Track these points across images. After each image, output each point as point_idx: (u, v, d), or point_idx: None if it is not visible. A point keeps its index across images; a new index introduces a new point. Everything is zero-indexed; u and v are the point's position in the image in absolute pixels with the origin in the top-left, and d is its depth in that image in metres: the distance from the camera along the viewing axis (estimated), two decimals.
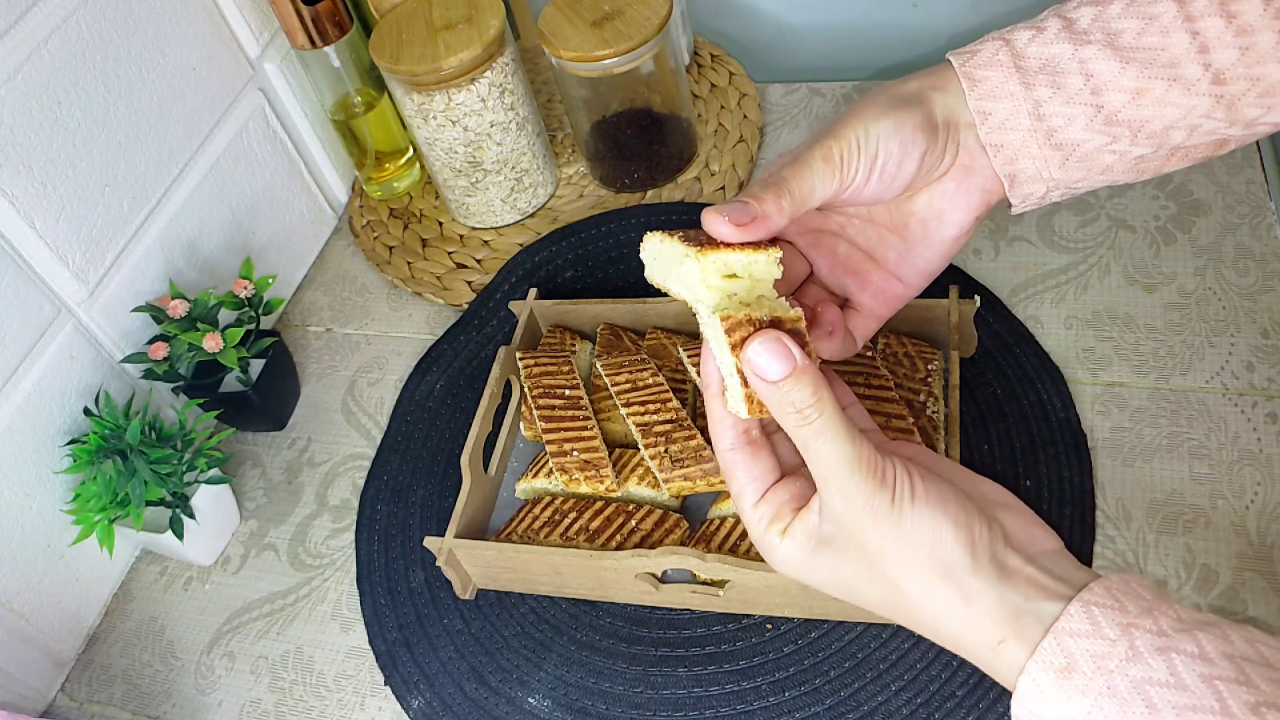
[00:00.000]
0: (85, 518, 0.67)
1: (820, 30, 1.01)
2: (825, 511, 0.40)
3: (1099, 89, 0.43)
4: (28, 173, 0.65)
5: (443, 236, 0.90)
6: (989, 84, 0.44)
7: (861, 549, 0.39)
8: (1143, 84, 0.42)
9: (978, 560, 0.38)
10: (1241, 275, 0.71)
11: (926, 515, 0.38)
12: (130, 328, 0.73)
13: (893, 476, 0.39)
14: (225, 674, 0.68)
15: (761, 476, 0.43)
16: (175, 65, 0.75)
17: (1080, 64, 0.43)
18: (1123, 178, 0.46)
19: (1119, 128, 0.43)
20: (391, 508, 0.73)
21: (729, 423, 0.43)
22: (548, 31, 0.80)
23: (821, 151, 0.44)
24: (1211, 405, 0.66)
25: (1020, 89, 0.43)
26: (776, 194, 0.44)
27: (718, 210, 0.45)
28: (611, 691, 0.61)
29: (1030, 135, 0.44)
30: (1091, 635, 0.35)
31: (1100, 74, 0.43)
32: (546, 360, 0.70)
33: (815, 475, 0.40)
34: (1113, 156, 0.44)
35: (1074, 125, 0.44)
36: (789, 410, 0.39)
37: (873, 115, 0.44)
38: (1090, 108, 0.43)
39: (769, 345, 0.40)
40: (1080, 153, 0.44)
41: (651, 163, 0.87)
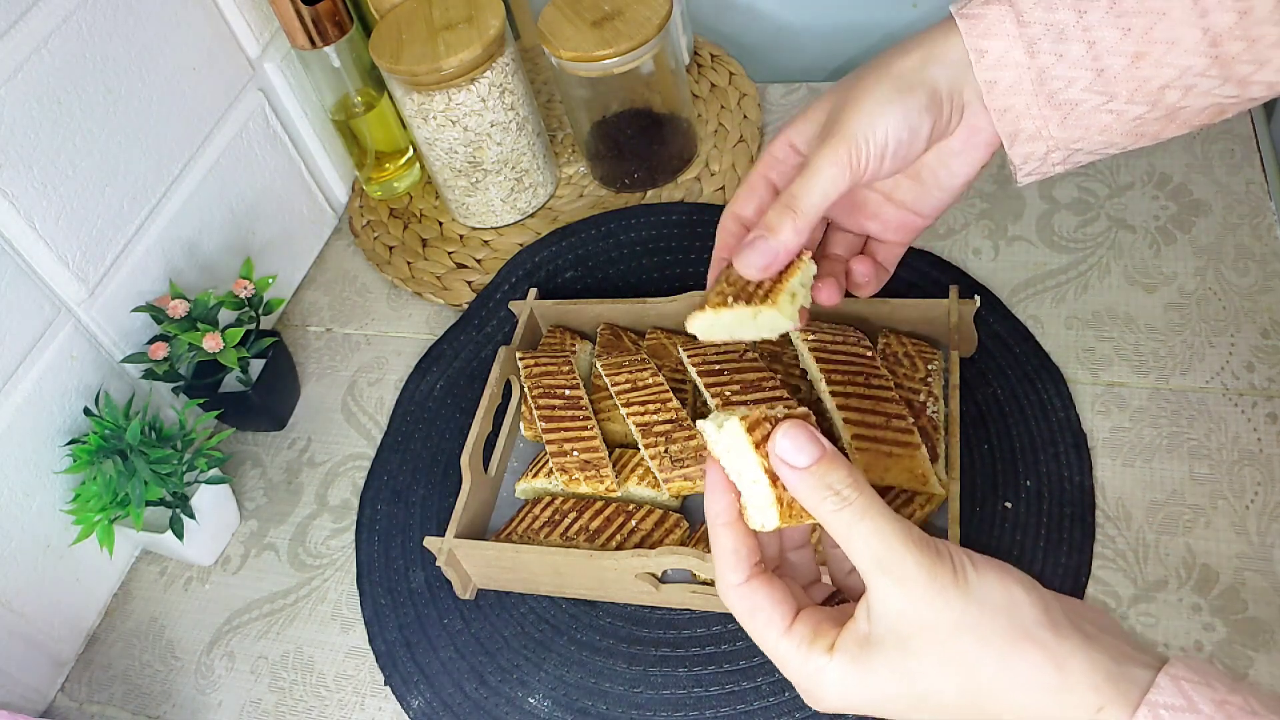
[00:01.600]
0: (85, 518, 0.67)
1: (820, 30, 1.01)
2: (877, 609, 0.36)
3: (1100, 55, 0.43)
4: (28, 173, 0.65)
5: (443, 236, 0.90)
6: (994, 54, 0.44)
7: (929, 636, 0.35)
8: (1142, 48, 0.42)
9: (1057, 622, 0.35)
10: (1241, 275, 0.71)
11: (994, 579, 0.36)
12: (130, 328, 0.73)
13: (947, 550, 0.36)
14: (225, 674, 0.68)
15: (785, 601, 0.39)
16: (175, 65, 0.75)
17: (1084, 31, 0.43)
18: (1121, 139, 0.46)
19: (1117, 87, 0.44)
20: (391, 508, 0.73)
21: (742, 554, 0.40)
22: (548, 31, 0.80)
23: (830, 157, 0.44)
24: (1211, 405, 0.66)
25: (1025, 58, 0.44)
26: (792, 218, 0.45)
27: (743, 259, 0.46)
28: (611, 691, 0.61)
29: (1033, 99, 0.44)
30: (1186, 710, 0.33)
31: (1102, 41, 0.43)
32: (546, 360, 0.70)
33: (862, 566, 0.36)
34: (1109, 116, 0.44)
35: (1074, 87, 0.44)
36: (826, 495, 0.37)
37: (878, 105, 0.44)
38: (1090, 71, 0.43)
39: (796, 432, 0.38)
40: (1078, 111, 0.44)
41: (651, 163, 0.87)
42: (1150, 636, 0.57)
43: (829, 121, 0.46)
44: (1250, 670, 0.55)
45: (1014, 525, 0.62)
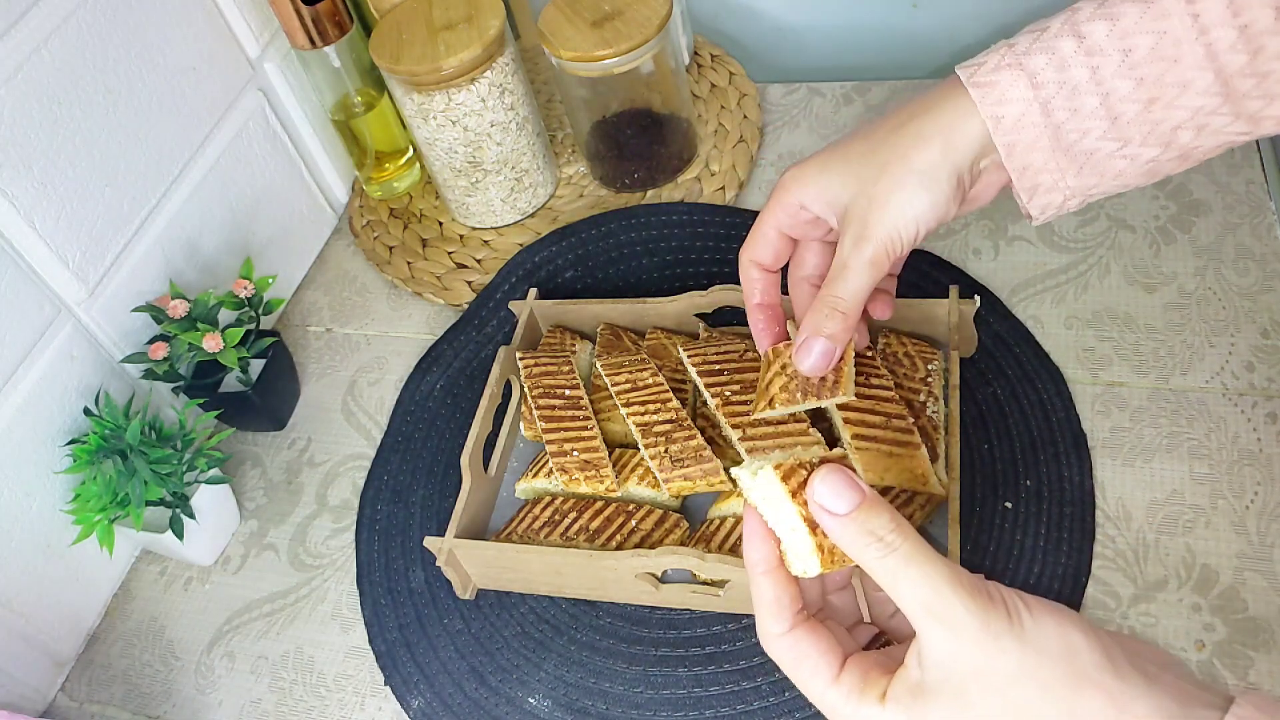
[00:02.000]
0: (85, 518, 0.67)
1: (820, 30, 1.01)
2: (929, 656, 0.35)
3: (1113, 105, 0.44)
4: (28, 173, 0.65)
5: (443, 236, 0.90)
6: (1010, 120, 0.45)
7: (985, 684, 0.34)
8: (1155, 94, 0.43)
9: (1118, 665, 0.34)
10: (1241, 275, 0.71)
11: (1051, 624, 0.34)
12: (130, 328, 0.73)
13: (999, 594, 0.35)
14: (225, 674, 0.68)
15: (831, 650, 0.38)
16: (175, 65, 0.75)
17: (1097, 85, 0.44)
18: (1135, 181, 0.47)
19: (1130, 131, 0.44)
20: (391, 508, 0.73)
21: (784, 602, 0.39)
22: (548, 31, 0.80)
23: (867, 259, 0.47)
24: (1211, 405, 0.66)
25: (1040, 117, 0.45)
26: (841, 319, 0.48)
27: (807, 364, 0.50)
28: (611, 691, 0.61)
29: (1050, 154, 0.46)
30: None
31: (1115, 92, 0.44)
32: (546, 360, 0.70)
33: (911, 613, 0.35)
34: (1124, 161, 0.45)
35: (1089, 137, 0.45)
36: (869, 541, 0.36)
37: (906, 202, 0.46)
38: (1105, 120, 0.44)
39: (834, 477, 0.37)
40: (1094, 159, 0.45)
41: (652, 163, 0.87)
42: (1150, 636, 0.57)
43: (853, 217, 0.47)
44: (1250, 670, 0.55)
45: (1014, 525, 0.62)
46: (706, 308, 0.72)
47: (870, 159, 0.47)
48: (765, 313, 0.55)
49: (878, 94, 0.91)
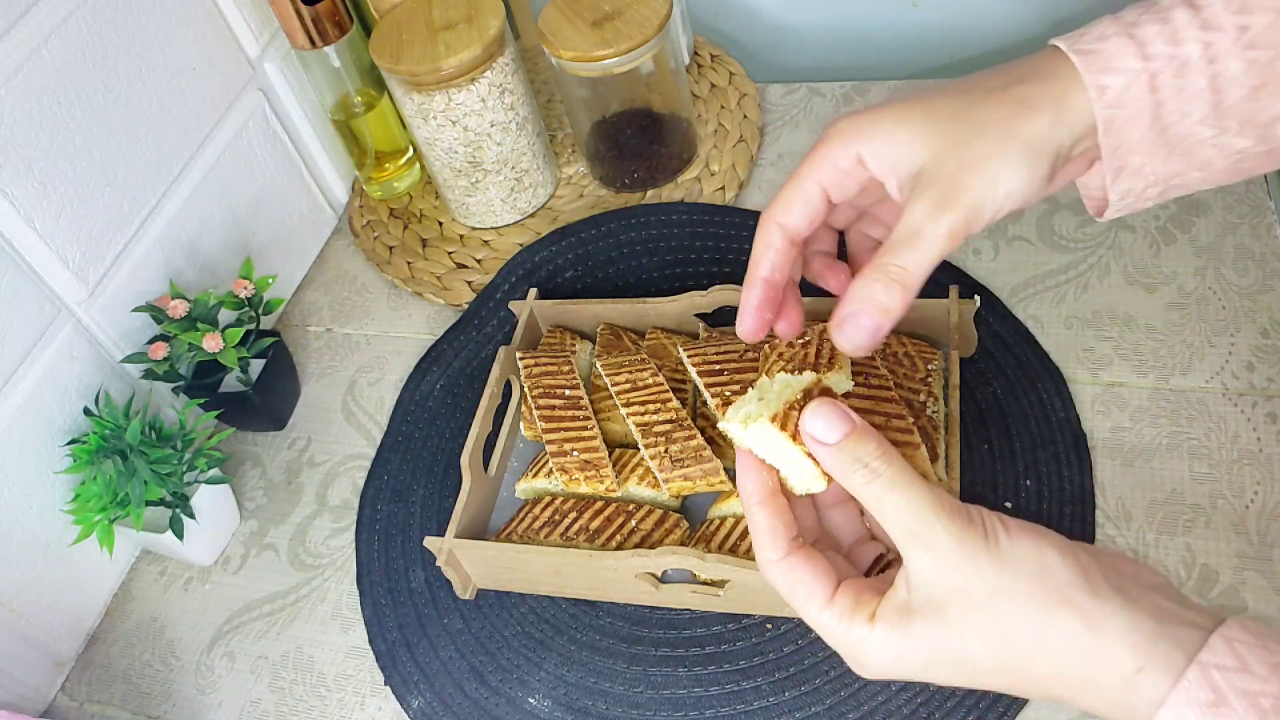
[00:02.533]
0: (85, 518, 0.67)
1: (820, 30, 1.01)
2: (913, 578, 0.37)
3: (1220, 87, 0.40)
4: (28, 173, 0.65)
5: (443, 236, 0.90)
6: (1115, 90, 0.41)
7: (963, 603, 0.36)
8: (1264, 79, 0.40)
9: (1095, 584, 0.35)
10: (1241, 275, 0.71)
11: (1028, 544, 0.35)
12: (130, 328, 0.73)
13: (979, 516, 0.36)
14: (225, 674, 0.68)
15: (826, 575, 0.39)
16: (175, 65, 0.75)
17: (1209, 64, 0.40)
18: (1218, 175, 0.43)
19: (1228, 120, 0.41)
20: (392, 508, 0.73)
21: (779, 531, 0.40)
22: (548, 31, 0.80)
23: (949, 229, 0.40)
24: (1211, 405, 0.66)
25: (1146, 94, 0.41)
26: (902, 293, 0.40)
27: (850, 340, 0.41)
28: (611, 691, 0.61)
29: (1146, 133, 0.41)
30: (1240, 671, 0.32)
31: (1225, 73, 0.40)
32: (546, 360, 0.70)
33: (896, 536, 0.37)
34: (1214, 150, 0.42)
35: (1189, 120, 0.41)
36: (856, 468, 0.37)
37: (1005, 174, 0.40)
38: (1208, 104, 0.41)
39: (824, 410, 0.38)
40: (1186, 144, 0.42)
41: (651, 163, 0.87)
42: None
43: (937, 177, 0.41)
44: None
45: None
46: (706, 308, 0.72)
47: (965, 118, 0.41)
48: (766, 291, 0.45)
49: (878, 94, 0.91)
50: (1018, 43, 0.95)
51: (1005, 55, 0.96)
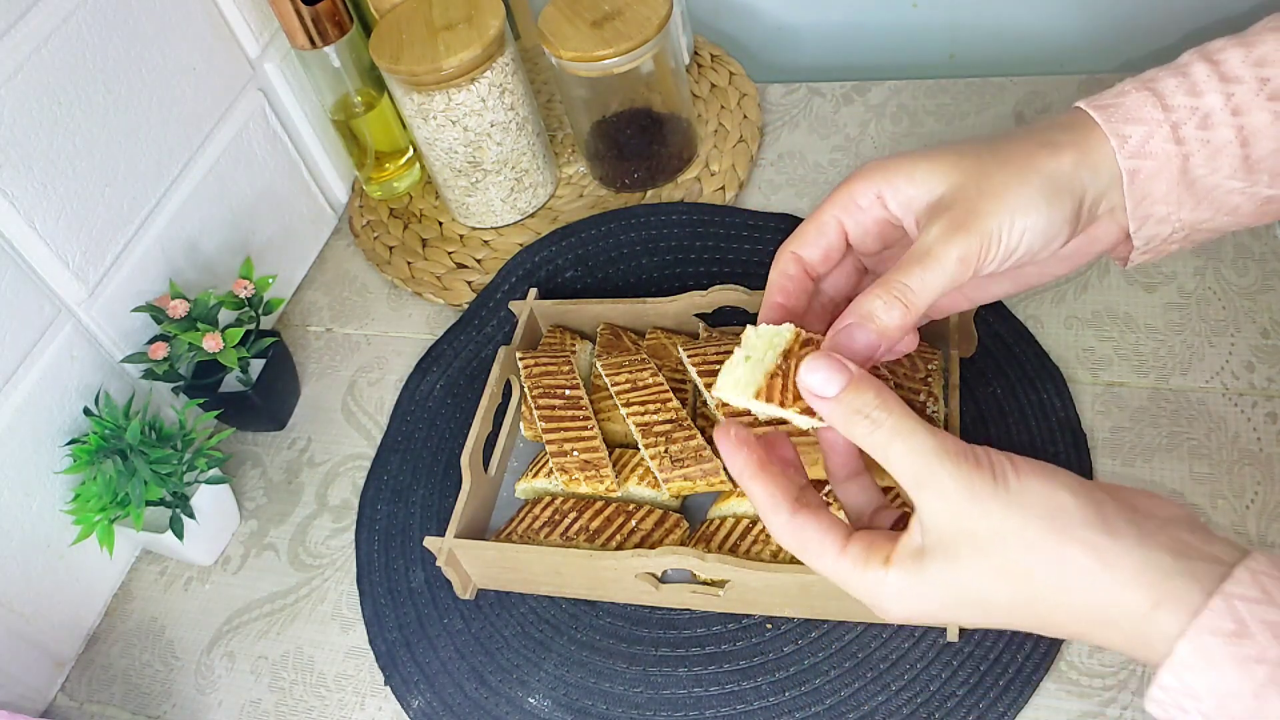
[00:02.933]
0: (85, 518, 0.67)
1: (820, 30, 1.01)
2: (925, 520, 0.37)
3: (1247, 140, 0.40)
4: (28, 173, 0.65)
5: (443, 236, 0.90)
6: (1137, 140, 0.41)
7: (973, 544, 0.36)
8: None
9: (1109, 522, 0.35)
10: (1241, 275, 0.71)
11: (1037, 485, 0.35)
12: (130, 328, 0.73)
13: (986, 458, 0.36)
14: (225, 674, 0.68)
15: (834, 527, 0.40)
16: (175, 65, 0.75)
17: (1233, 115, 0.40)
18: (1246, 219, 0.43)
19: (1259, 174, 0.41)
20: (391, 508, 0.73)
21: (778, 496, 0.40)
22: (548, 31, 0.80)
23: (960, 250, 0.39)
24: (1211, 405, 0.66)
25: (1171, 145, 0.41)
26: (904, 312, 0.39)
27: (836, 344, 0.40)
28: (611, 691, 0.61)
29: (1173, 186, 0.41)
30: (1264, 603, 0.32)
31: (1251, 125, 0.40)
32: (546, 360, 0.70)
33: (905, 483, 0.37)
34: (1242, 198, 0.42)
35: (1217, 174, 0.41)
36: (858, 419, 0.37)
37: (1022, 207, 0.40)
38: (1236, 158, 0.41)
39: (820, 364, 0.38)
40: (1213, 196, 0.42)
41: (651, 163, 0.87)
42: None
43: (954, 202, 0.40)
44: None
45: None
46: (706, 308, 0.72)
47: (988, 154, 0.41)
48: (782, 315, 0.45)
49: (878, 94, 0.91)
50: (1018, 42, 0.95)
51: (1005, 55, 0.96)
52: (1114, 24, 0.91)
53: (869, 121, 0.89)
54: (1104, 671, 0.57)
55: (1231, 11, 0.88)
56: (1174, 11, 0.89)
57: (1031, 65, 0.95)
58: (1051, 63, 0.95)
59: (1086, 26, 0.92)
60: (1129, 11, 0.90)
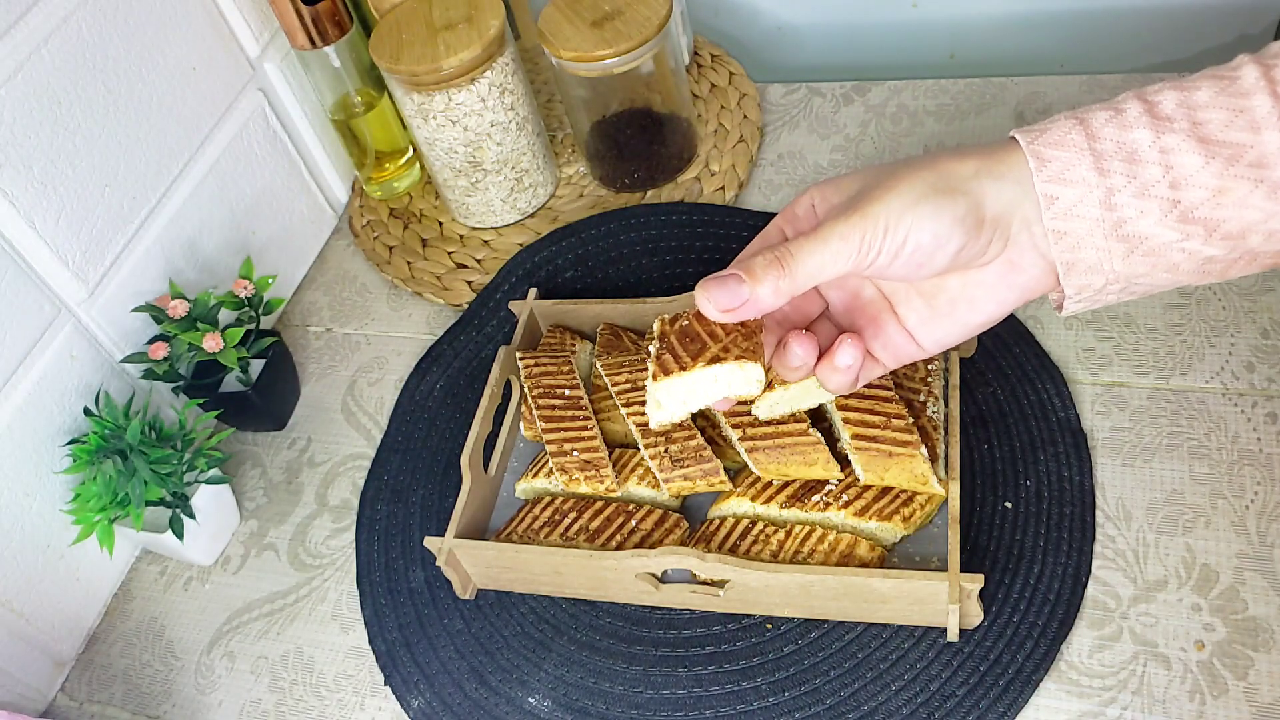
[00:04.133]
0: (85, 518, 0.67)
1: (820, 30, 1.01)
2: None
3: (1177, 183, 0.39)
4: (28, 173, 0.65)
5: (443, 236, 0.90)
6: (1058, 165, 0.41)
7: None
8: (1225, 183, 0.39)
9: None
10: None
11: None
12: (130, 327, 0.73)
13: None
14: (225, 674, 0.68)
15: None
16: (175, 65, 0.75)
17: (1161, 154, 0.39)
18: (1186, 279, 0.42)
19: (1193, 225, 0.40)
20: (391, 508, 0.73)
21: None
22: (548, 31, 0.80)
23: (842, 229, 0.41)
24: (1211, 405, 0.66)
25: (1093, 175, 0.40)
26: (777, 273, 0.42)
27: (705, 291, 0.43)
28: (611, 691, 0.61)
29: (1097, 224, 0.40)
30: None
31: (1180, 166, 0.39)
32: (546, 360, 0.70)
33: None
34: (1181, 255, 0.41)
35: (1146, 218, 0.40)
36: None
37: (910, 199, 0.41)
38: (1166, 202, 0.40)
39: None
40: (1147, 246, 0.41)
41: (651, 163, 0.87)
42: (1150, 636, 0.57)
43: (856, 195, 0.43)
44: (1250, 670, 0.55)
45: (1014, 525, 0.62)
46: None
47: (901, 164, 0.43)
48: None
49: (878, 94, 0.91)
50: (1018, 41, 0.95)
51: (1006, 55, 0.96)
52: (1115, 23, 0.91)
53: (869, 122, 0.89)
54: (1104, 672, 0.57)
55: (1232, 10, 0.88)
56: (1175, 10, 0.89)
57: (1032, 65, 0.95)
58: (1052, 63, 0.95)
59: (1087, 26, 0.92)
60: (1130, 10, 0.90)
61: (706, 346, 0.46)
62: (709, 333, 0.46)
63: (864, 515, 0.60)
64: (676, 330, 0.47)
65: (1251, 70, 0.39)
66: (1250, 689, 0.54)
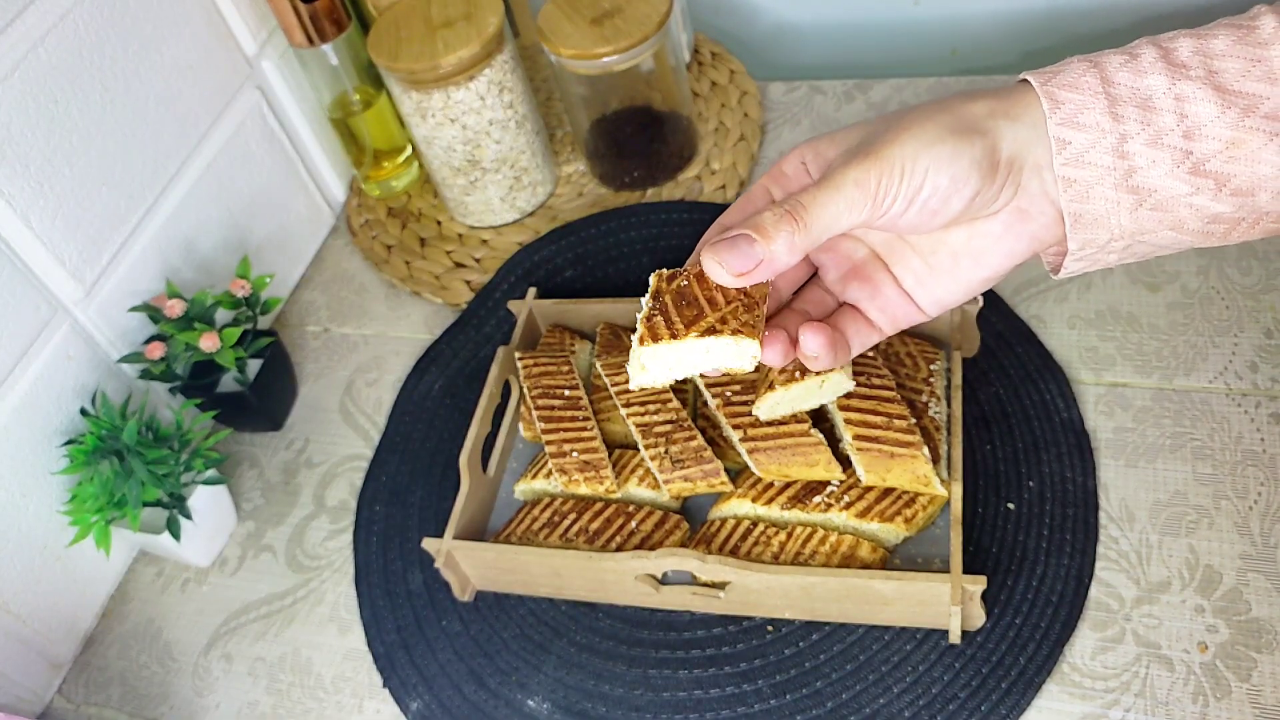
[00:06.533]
0: (82, 519, 0.67)
1: (821, 27, 1.00)
2: None
3: (1191, 133, 0.38)
4: (24, 172, 0.64)
5: (441, 235, 0.90)
6: (1072, 107, 0.39)
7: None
8: (1240, 134, 0.38)
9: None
10: (1245, 274, 0.71)
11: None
12: (127, 327, 0.73)
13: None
14: (223, 676, 0.68)
15: None
16: (172, 63, 0.75)
17: (1175, 101, 0.38)
18: (1190, 239, 0.41)
19: (1204, 179, 0.38)
20: (390, 509, 0.72)
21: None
22: (547, 29, 0.80)
23: (856, 174, 0.39)
24: (1215, 405, 0.65)
25: (1107, 120, 0.39)
26: (790, 228, 0.38)
27: (715, 255, 0.39)
28: (611, 694, 0.61)
29: (1107, 173, 0.39)
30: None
31: (1195, 116, 0.38)
32: (546, 360, 0.70)
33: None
34: (1188, 211, 0.39)
35: (1157, 169, 0.39)
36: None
37: (926, 140, 0.39)
38: (1179, 152, 0.38)
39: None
40: (1156, 199, 0.39)
41: (651, 161, 0.87)
42: (1153, 638, 0.57)
43: (863, 143, 0.40)
44: (1253, 672, 0.55)
45: (1016, 526, 0.62)
46: None
47: (909, 109, 0.41)
48: None
49: (879, 91, 0.91)
50: (1018, 40, 0.95)
51: (1006, 52, 0.96)
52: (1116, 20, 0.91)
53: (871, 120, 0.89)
54: (1106, 674, 0.56)
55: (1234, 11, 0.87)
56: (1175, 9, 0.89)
57: (1034, 62, 0.95)
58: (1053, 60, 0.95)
59: (1088, 23, 0.92)
60: (1131, 8, 0.90)
61: (703, 314, 0.41)
62: (708, 298, 0.41)
63: (866, 516, 0.60)
64: (673, 291, 0.42)
65: (1270, 20, 0.38)
66: (1254, 691, 0.54)
